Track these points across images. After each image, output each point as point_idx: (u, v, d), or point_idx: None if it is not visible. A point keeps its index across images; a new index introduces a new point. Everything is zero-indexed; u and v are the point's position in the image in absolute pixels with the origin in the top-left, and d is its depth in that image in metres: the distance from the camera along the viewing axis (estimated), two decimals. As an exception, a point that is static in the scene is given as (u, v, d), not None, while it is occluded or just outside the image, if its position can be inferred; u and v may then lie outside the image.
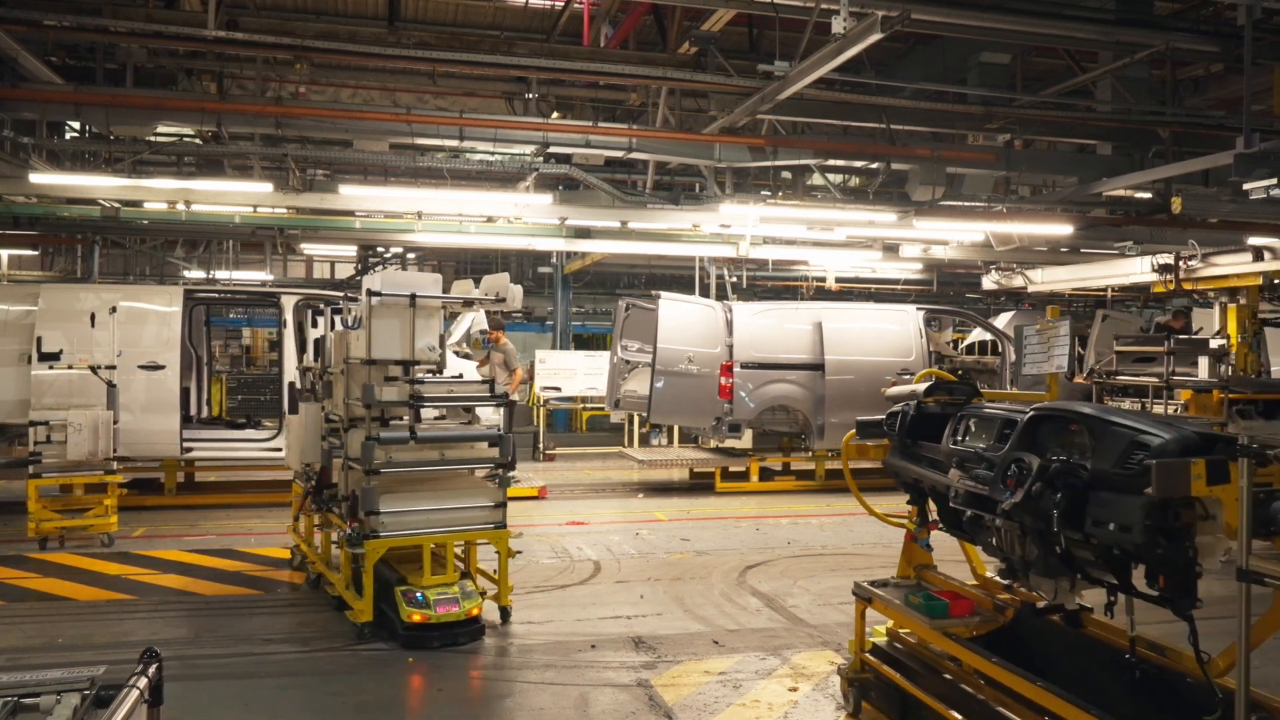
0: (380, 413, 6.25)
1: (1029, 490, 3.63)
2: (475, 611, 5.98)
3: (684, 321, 11.75)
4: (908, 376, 11.80)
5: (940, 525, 4.78)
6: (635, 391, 12.58)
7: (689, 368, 11.56)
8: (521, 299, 7.04)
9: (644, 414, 12.49)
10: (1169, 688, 3.66)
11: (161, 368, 10.06)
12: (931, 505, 4.87)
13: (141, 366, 9.99)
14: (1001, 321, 16.00)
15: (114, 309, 9.34)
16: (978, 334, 16.14)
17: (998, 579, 4.59)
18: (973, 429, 4.37)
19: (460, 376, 8.60)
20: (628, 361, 12.90)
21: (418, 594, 5.91)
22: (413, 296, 6.19)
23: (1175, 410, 9.62)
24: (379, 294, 6.19)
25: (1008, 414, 4.17)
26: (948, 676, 4.39)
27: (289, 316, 10.77)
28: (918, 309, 12.74)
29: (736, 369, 11.80)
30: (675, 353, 11.50)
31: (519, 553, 6.61)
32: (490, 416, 12.13)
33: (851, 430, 5.15)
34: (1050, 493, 3.56)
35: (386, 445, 6.02)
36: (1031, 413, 4.00)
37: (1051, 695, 3.56)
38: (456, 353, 12.19)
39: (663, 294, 11.87)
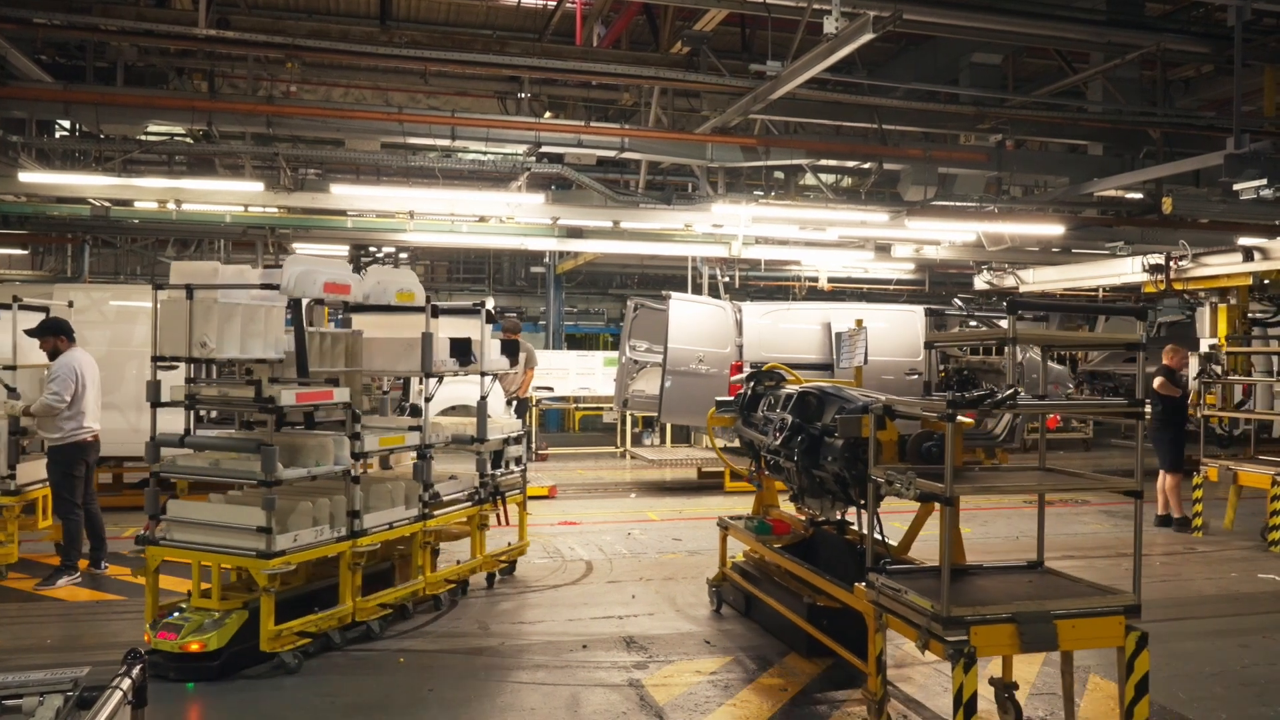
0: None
1: (782, 439, 5.75)
2: (194, 648, 5.19)
3: (694, 321, 11.76)
4: (915, 376, 11.85)
5: (766, 471, 6.60)
6: (644, 391, 12.56)
7: (699, 367, 11.56)
8: (364, 291, 6.36)
9: (654, 414, 12.48)
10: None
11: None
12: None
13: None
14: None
15: (70, 303, 9.01)
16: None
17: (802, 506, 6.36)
18: (774, 402, 6.25)
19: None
20: (636, 362, 12.88)
21: (173, 612, 5.45)
22: (188, 288, 5.68)
23: None
24: (163, 288, 5.82)
25: (790, 392, 6.11)
26: (775, 578, 6.21)
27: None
28: (925, 309, 12.73)
29: (746, 369, 11.80)
30: (686, 353, 11.49)
31: (263, 591, 5.38)
32: (503, 416, 12.12)
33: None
34: (793, 439, 5.65)
35: (164, 447, 5.75)
36: (798, 391, 6.00)
37: (809, 572, 5.58)
38: None
39: (673, 294, 11.87)
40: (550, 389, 15.88)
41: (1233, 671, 5.59)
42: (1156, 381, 9.66)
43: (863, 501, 5.10)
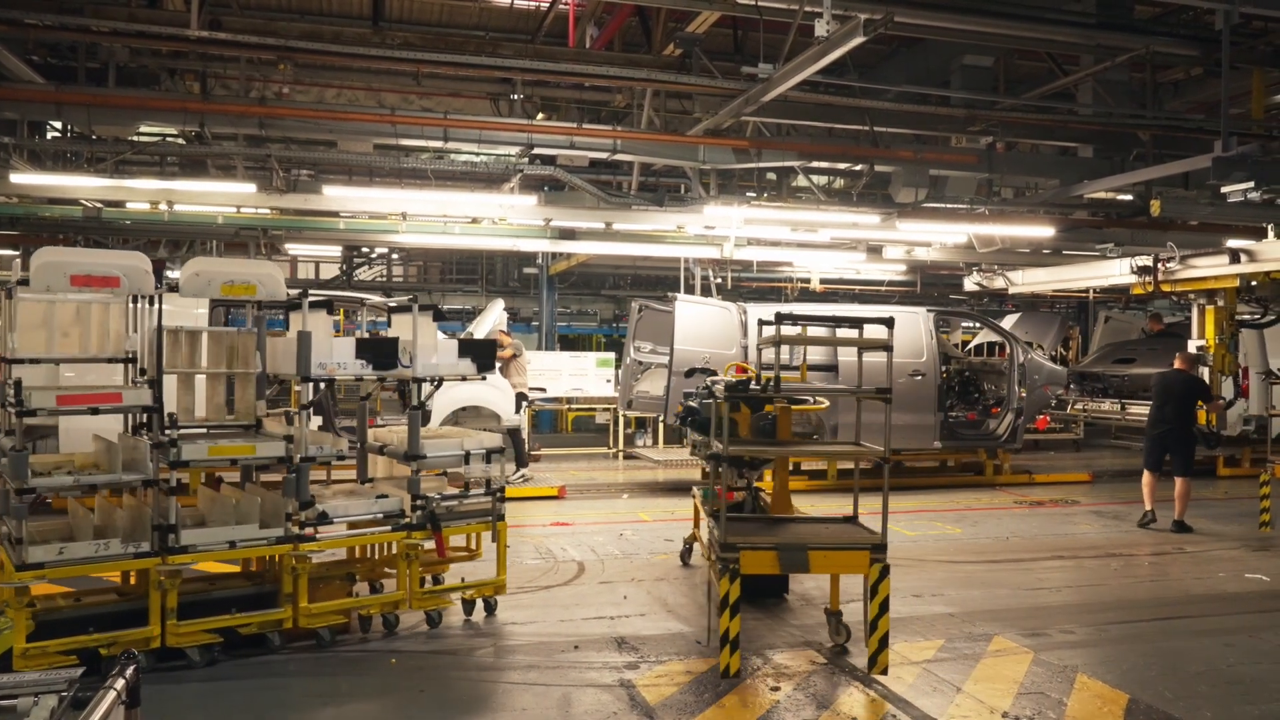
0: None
1: (685, 420, 7.27)
2: None
3: (700, 322, 11.78)
4: (919, 378, 11.89)
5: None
6: (649, 392, 12.57)
7: (705, 368, 11.60)
8: (150, 283, 5.63)
9: (658, 415, 12.47)
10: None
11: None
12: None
13: None
14: (1008, 323, 16.17)
15: None
16: (984, 335, 16.32)
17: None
18: (699, 394, 7.20)
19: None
20: (640, 363, 12.89)
21: None
22: (9, 290, 5.50)
23: None
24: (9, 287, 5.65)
25: (706, 384, 7.06)
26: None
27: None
28: (928, 311, 12.76)
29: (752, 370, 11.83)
30: (692, 354, 11.50)
31: (6, 613, 5.11)
32: (512, 417, 12.11)
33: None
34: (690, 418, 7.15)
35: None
36: (709, 382, 6.96)
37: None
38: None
39: (678, 295, 11.88)
40: (543, 390, 15.89)
41: (1218, 670, 5.63)
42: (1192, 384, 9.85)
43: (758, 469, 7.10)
